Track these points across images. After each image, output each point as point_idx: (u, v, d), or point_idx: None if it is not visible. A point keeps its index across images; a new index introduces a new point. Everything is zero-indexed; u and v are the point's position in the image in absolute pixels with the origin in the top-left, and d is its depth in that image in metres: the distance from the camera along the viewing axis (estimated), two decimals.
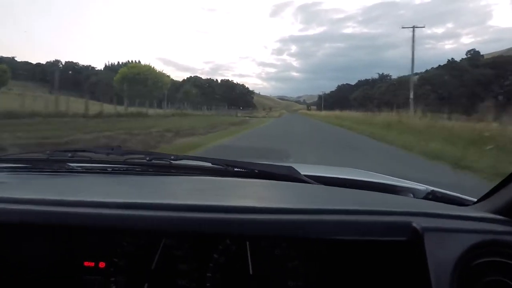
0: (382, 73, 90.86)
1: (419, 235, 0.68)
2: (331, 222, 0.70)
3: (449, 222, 0.73)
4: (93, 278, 0.83)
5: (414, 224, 0.70)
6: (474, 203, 0.89)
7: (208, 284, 0.80)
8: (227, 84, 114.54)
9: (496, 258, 0.67)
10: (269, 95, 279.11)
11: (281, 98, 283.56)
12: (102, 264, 0.84)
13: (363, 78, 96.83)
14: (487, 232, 0.70)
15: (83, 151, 1.18)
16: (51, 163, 1.12)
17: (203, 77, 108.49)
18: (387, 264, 0.76)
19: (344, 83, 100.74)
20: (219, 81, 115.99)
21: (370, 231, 0.70)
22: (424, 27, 35.49)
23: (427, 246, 0.67)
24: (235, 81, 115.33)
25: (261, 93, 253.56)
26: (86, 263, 0.84)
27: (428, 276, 0.64)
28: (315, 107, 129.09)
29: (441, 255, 0.66)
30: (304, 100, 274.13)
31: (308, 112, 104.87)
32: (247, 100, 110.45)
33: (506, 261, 0.67)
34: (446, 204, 0.91)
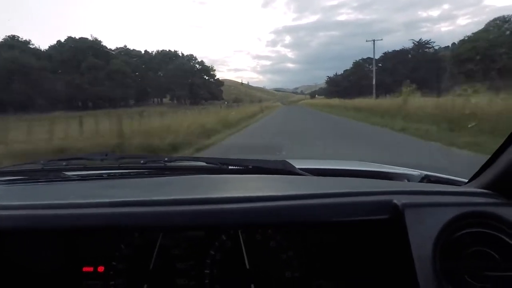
0: (421, 40, 65.81)
1: (400, 212, 0.70)
2: (317, 205, 0.73)
3: (431, 198, 0.75)
4: (92, 283, 0.85)
5: (395, 201, 0.72)
6: (466, 183, 0.91)
7: (206, 281, 0.83)
8: (176, 64, 77.72)
9: (478, 229, 0.68)
10: (263, 87, 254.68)
11: (278, 90, 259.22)
12: (101, 268, 0.85)
13: (391, 49, 71.09)
14: (470, 204, 0.71)
15: (77, 158, 1.18)
16: (46, 173, 1.12)
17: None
18: (377, 245, 0.78)
19: (365, 58, 74.28)
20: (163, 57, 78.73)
21: (354, 211, 0.73)
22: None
23: (408, 222, 0.68)
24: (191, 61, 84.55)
25: (250, 84, 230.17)
26: (85, 269, 0.85)
27: (410, 252, 0.65)
28: (322, 96, 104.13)
29: (422, 230, 0.67)
30: (301, 91, 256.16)
31: (314, 101, 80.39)
32: (212, 90, 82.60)
33: (488, 231, 0.68)
34: (436, 184, 0.93)
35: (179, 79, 73.25)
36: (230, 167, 1.09)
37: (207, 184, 0.99)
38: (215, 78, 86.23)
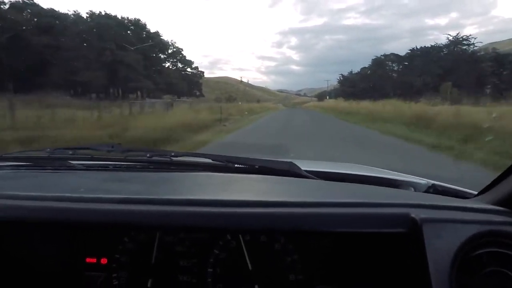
0: (458, 35, 53.61)
1: (418, 226, 0.69)
2: (329, 215, 0.72)
3: (447, 213, 0.74)
4: (95, 274, 0.86)
5: (413, 215, 0.71)
6: (475, 195, 0.90)
7: (209, 279, 0.84)
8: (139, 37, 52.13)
9: (495, 248, 0.68)
10: (265, 87, 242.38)
11: (281, 91, 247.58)
12: (104, 260, 0.87)
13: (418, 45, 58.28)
14: (486, 222, 0.71)
15: (84, 148, 1.19)
16: (52, 160, 1.13)
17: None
18: (387, 255, 0.77)
19: (387, 53, 61.22)
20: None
21: (368, 223, 0.72)
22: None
23: (426, 237, 0.67)
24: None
25: (252, 83, 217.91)
26: (88, 260, 0.87)
27: (427, 267, 0.64)
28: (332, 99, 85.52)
29: (440, 246, 0.66)
30: (305, 93, 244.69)
31: (324, 104, 57.80)
32: (183, 83, 58.82)
33: (506, 251, 0.67)
34: (447, 197, 0.92)
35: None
36: (236, 165, 1.07)
37: (214, 183, 0.98)
38: (193, 66, 67.81)
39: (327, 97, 69.88)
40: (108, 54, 44.27)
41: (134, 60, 46.00)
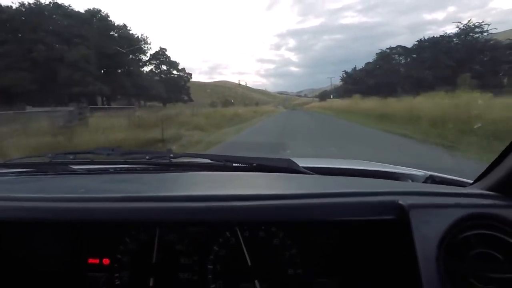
0: (470, 22, 49.07)
1: (405, 212, 0.70)
2: (321, 205, 0.73)
3: (436, 199, 0.75)
4: (98, 275, 0.88)
5: (400, 202, 0.72)
6: (471, 184, 0.91)
7: (209, 276, 0.86)
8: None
9: (484, 231, 0.69)
10: (264, 89, 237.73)
11: (281, 93, 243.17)
12: (106, 261, 0.89)
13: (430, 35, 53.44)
14: (474, 206, 0.72)
15: (84, 152, 1.22)
16: (54, 165, 1.15)
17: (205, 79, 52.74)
18: (381, 244, 0.79)
19: (393, 46, 56.20)
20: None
21: (358, 211, 0.73)
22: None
23: (413, 222, 0.69)
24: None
25: (252, 86, 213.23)
26: (90, 260, 0.89)
27: (415, 252, 0.65)
28: (334, 98, 71.84)
29: (427, 231, 0.67)
30: (305, 94, 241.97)
31: (327, 104, 51.39)
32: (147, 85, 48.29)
33: (493, 233, 0.68)
34: (441, 185, 0.94)
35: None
36: (234, 164, 1.09)
37: (211, 181, 0.99)
38: (179, 68, 60.95)
39: (331, 96, 61.83)
40: (41, 50, 33.12)
41: (81, 58, 34.85)
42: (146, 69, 56.61)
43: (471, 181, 0.91)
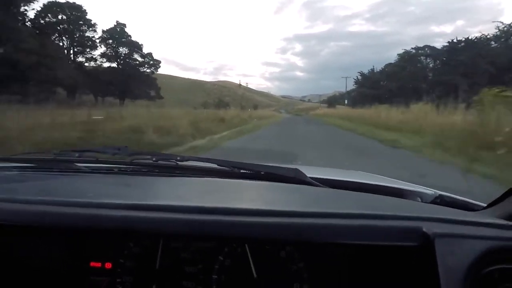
0: None
1: (430, 241, 0.68)
2: (339, 226, 0.71)
3: (459, 228, 0.73)
4: (99, 279, 0.87)
5: (425, 229, 0.70)
6: (484, 208, 0.89)
7: (214, 286, 0.84)
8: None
9: (507, 265, 0.67)
10: (267, 92, 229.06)
11: (285, 97, 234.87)
12: (108, 265, 0.87)
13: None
14: (499, 238, 0.70)
15: (90, 151, 1.20)
16: (58, 163, 1.15)
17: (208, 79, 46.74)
18: (396, 269, 0.77)
19: (420, 45, 46.69)
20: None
21: (379, 236, 0.71)
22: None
23: (438, 252, 0.67)
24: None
25: (254, 88, 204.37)
26: (92, 264, 0.88)
27: (438, 283, 0.64)
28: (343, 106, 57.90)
29: (452, 262, 0.66)
30: (309, 100, 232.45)
31: (340, 112, 40.84)
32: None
33: None
34: (455, 209, 0.92)
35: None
36: (241, 171, 1.08)
37: (220, 190, 0.99)
38: (144, 53, 48.48)
39: (345, 102, 48.20)
40: None
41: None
42: (96, 53, 45.36)
43: (482, 204, 0.90)
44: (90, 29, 43.96)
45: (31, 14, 37.77)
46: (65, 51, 42.30)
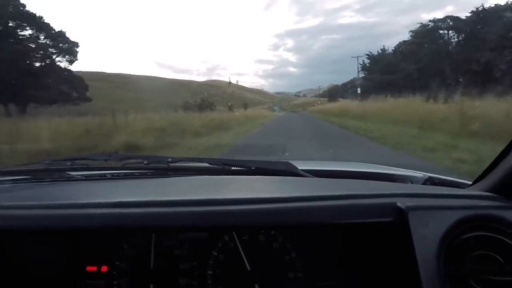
0: None
1: (404, 214, 0.70)
2: (319, 207, 0.74)
3: (435, 200, 0.75)
4: (96, 283, 0.87)
5: (399, 204, 0.72)
6: (470, 185, 0.91)
7: (209, 282, 0.85)
8: None
9: (483, 232, 0.68)
10: (261, 89, 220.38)
11: (279, 93, 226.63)
12: (104, 268, 0.88)
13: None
14: (473, 207, 0.72)
15: (81, 158, 1.21)
16: (51, 172, 1.15)
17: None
18: (380, 247, 0.79)
19: (440, 17, 37.54)
20: None
21: (356, 214, 0.73)
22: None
23: (412, 224, 0.69)
24: None
25: (247, 86, 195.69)
26: (88, 268, 0.88)
27: (414, 255, 0.65)
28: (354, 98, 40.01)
29: (426, 233, 0.67)
30: (304, 94, 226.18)
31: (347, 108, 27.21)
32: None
33: (493, 235, 0.68)
34: (440, 187, 0.94)
35: None
36: (232, 168, 1.09)
37: (210, 185, 1.00)
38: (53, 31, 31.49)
39: (358, 91, 35.12)
40: None
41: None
42: None
43: (470, 182, 0.92)
44: None
45: None
46: None
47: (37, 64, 31.37)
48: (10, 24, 29.49)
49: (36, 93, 27.69)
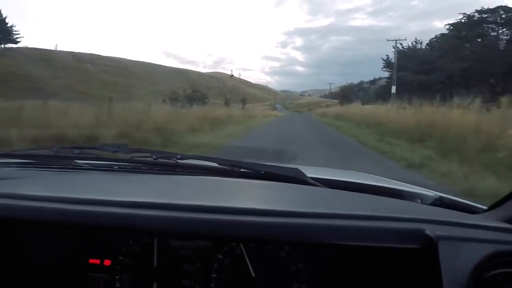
0: None
1: (433, 243, 0.68)
2: (340, 227, 0.70)
3: (462, 230, 0.73)
4: (98, 276, 0.88)
5: (428, 232, 0.69)
6: (485, 210, 0.89)
7: (212, 285, 0.85)
8: None
9: (510, 269, 0.67)
10: (265, 85, 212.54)
11: (284, 91, 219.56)
12: (107, 262, 0.88)
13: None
14: (502, 242, 0.70)
15: (90, 148, 1.20)
16: (58, 159, 1.15)
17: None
18: (396, 270, 0.77)
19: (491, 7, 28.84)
20: None
21: (381, 237, 0.70)
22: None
23: (441, 255, 0.66)
24: None
25: (253, 81, 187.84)
26: (91, 261, 0.89)
27: (441, 286, 0.64)
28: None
29: (455, 265, 0.65)
30: (309, 94, 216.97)
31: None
32: None
33: None
34: (457, 212, 0.92)
35: None
36: (242, 170, 1.08)
37: (220, 189, 0.98)
38: None
39: (393, 90, 23.67)
40: None
41: None
42: None
43: (483, 207, 0.90)
44: None
45: None
46: None
47: None
48: None
49: None
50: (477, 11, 31.03)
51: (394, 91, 24.13)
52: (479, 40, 28.24)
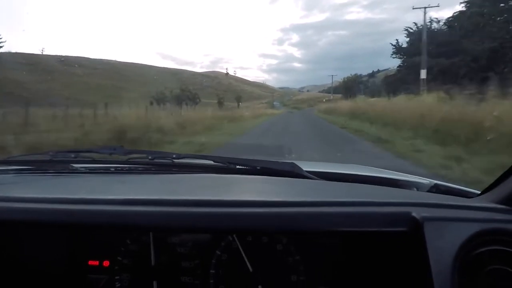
0: None
1: (419, 225, 0.69)
2: (330, 214, 0.71)
3: (449, 211, 0.74)
4: (98, 277, 0.88)
5: (414, 214, 0.71)
6: (478, 195, 0.90)
7: (211, 281, 0.86)
8: None
9: (498, 247, 0.68)
10: (263, 82, 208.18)
11: (282, 88, 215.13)
12: (106, 263, 0.89)
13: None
14: (488, 221, 0.71)
15: (86, 151, 1.22)
16: (55, 164, 1.15)
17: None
18: (389, 255, 0.78)
19: None
20: None
21: (369, 222, 0.71)
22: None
23: (427, 235, 0.67)
24: None
25: (251, 80, 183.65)
26: (90, 262, 0.90)
27: (429, 267, 0.65)
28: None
29: (442, 245, 0.66)
30: (308, 90, 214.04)
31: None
32: None
33: (508, 249, 0.67)
34: (449, 196, 0.94)
35: None
36: (237, 166, 1.09)
37: (215, 185, 0.98)
38: None
39: (423, 74, 19.18)
40: None
41: None
42: None
43: (477, 191, 0.91)
44: None
45: None
46: None
47: None
48: None
49: None
50: None
51: (425, 75, 19.33)
52: (505, 15, 24.18)
